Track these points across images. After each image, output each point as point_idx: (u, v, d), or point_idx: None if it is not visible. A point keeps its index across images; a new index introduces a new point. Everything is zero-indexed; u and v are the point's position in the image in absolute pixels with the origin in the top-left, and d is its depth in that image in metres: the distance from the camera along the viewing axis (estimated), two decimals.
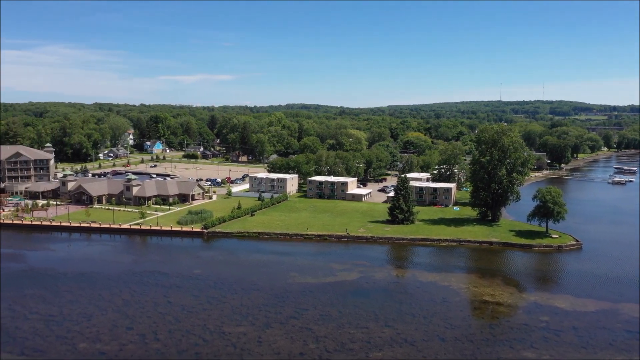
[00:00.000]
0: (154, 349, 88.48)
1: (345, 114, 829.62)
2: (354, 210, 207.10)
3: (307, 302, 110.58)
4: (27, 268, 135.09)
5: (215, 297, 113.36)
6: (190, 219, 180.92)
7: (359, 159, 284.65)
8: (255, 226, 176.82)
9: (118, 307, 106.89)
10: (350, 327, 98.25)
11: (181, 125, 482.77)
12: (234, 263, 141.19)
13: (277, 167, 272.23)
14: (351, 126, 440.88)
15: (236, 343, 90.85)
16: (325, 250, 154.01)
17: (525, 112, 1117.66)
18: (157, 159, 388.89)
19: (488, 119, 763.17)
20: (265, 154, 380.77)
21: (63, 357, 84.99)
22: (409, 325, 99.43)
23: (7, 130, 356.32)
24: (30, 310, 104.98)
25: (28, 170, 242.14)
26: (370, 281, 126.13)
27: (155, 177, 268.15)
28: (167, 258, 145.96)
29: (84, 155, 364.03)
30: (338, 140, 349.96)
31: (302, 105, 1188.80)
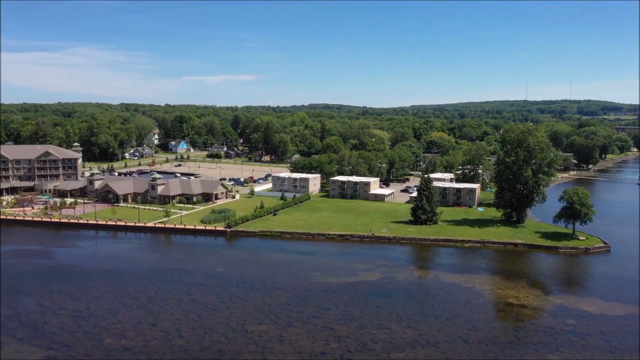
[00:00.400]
0: (177, 345, 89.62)
1: (368, 114, 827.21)
2: (377, 210, 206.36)
3: (329, 302, 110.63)
4: (55, 264, 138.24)
5: (238, 296, 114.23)
6: (213, 218, 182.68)
7: (381, 159, 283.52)
8: (277, 225, 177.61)
9: (143, 304, 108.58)
10: (372, 327, 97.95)
11: (205, 125, 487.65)
12: (256, 262, 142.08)
13: (299, 166, 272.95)
14: (374, 126, 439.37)
15: (258, 341, 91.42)
16: (347, 250, 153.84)
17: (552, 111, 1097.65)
18: (181, 158, 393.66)
19: (513, 119, 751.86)
20: (288, 154, 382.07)
21: (89, 352, 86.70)
22: (431, 327, 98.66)
23: (37, 130, 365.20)
24: (59, 306, 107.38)
25: (57, 169, 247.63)
26: (392, 281, 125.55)
27: (179, 176, 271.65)
28: (190, 256, 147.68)
29: (111, 154, 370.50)
30: (361, 140, 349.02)
31: (325, 105, 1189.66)
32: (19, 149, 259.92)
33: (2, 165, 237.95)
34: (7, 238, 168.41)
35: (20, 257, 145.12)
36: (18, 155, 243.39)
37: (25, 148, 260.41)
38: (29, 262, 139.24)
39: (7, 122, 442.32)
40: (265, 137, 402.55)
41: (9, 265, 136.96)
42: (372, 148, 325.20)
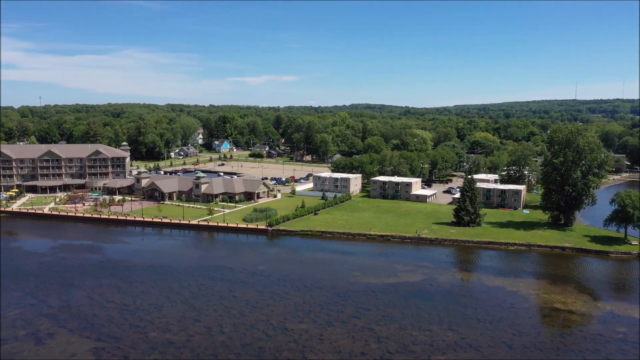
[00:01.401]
0: (219, 341, 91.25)
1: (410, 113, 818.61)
2: (418, 211, 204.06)
3: (369, 302, 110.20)
4: (104, 259, 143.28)
5: (279, 294, 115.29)
6: (255, 217, 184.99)
7: (423, 159, 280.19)
8: (318, 225, 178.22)
9: (186, 299, 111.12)
10: (412, 329, 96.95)
11: (248, 125, 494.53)
12: (297, 261, 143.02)
13: (340, 166, 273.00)
14: (416, 126, 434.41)
15: (298, 340, 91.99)
16: (388, 251, 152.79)
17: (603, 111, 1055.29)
18: (224, 157, 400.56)
19: (562, 119, 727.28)
20: (329, 154, 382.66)
21: (135, 345, 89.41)
22: (474, 330, 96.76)
23: (88, 129, 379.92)
24: (107, 299, 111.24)
25: (106, 168, 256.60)
26: (434, 283, 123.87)
27: (222, 175, 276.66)
28: (232, 254, 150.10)
29: (157, 153, 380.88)
30: (402, 140, 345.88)
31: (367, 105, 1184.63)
32: (72, 148, 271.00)
33: (55, 164, 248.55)
34: (60, 233, 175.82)
35: (71, 251, 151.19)
36: (70, 154, 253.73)
37: (77, 147, 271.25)
38: (80, 257, 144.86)
39: (61, 122, 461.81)
40: (307, 137, 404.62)
41: (61, 259, 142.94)
42: (414, 148, 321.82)
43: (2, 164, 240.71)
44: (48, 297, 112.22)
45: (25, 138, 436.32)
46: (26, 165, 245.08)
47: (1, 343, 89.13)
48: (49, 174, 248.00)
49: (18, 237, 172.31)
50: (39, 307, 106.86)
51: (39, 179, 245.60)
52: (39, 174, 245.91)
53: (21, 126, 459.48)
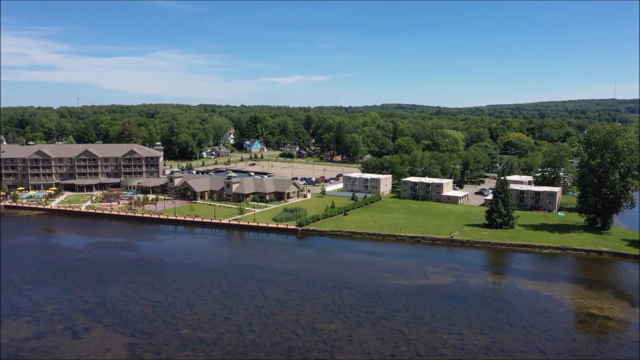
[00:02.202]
0: (249, 340, 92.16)
1: (441, 113, 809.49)
2: (449, 212, 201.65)
3: (398, 304, 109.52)
4: (138, 257, 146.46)
5: (308, 294, 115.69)
6: (285, 217, 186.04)
7: (455, 160, 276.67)
8: (348, 225, 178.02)
9: (217, 298, 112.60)
10: (443, 331, 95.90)
11: (278, 125, 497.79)
12: (326, 261, 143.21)
13: (370, 167, 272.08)
14: (448, 126, 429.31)
15: (327, 340, 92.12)
16: (419, 252, 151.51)
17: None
18: (255, 157, 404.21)
19: (599, 119, 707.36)
20: (359, 154, 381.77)
21: (168, 341, 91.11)
22: (506, 335, 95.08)
23: (123, 129, 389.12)
24: (140, 296, 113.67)
25: (140, 167, 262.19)
26: (465, 286, 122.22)
27: (253, 175, 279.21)
28: (262, 253, 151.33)
29: (189, 153, 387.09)
30: (434, 141, 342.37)
31: (397, 105, 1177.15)
32: (107, 147, 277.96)
33: (92, 163, 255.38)
34: (96, 230, 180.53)
35: (107, 248, 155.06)
36: (106, 154, 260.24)
37: (113, 147, 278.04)
38: (115, 254, 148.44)
39: (97, 123, 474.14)
40: (337, 137, 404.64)
41: (97, 256, 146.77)
42: (445, 149, 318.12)
43: (42, 163, 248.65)
44: (84, 293, 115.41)
45: (64, 138, 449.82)
46: (64, 165, 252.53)
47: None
48: (86, 173, 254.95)
49: (56, 234, 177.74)
50: (76, 302, 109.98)
51: (77, 177, 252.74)
52: (76, 172, 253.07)
53: (60, 126, 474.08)
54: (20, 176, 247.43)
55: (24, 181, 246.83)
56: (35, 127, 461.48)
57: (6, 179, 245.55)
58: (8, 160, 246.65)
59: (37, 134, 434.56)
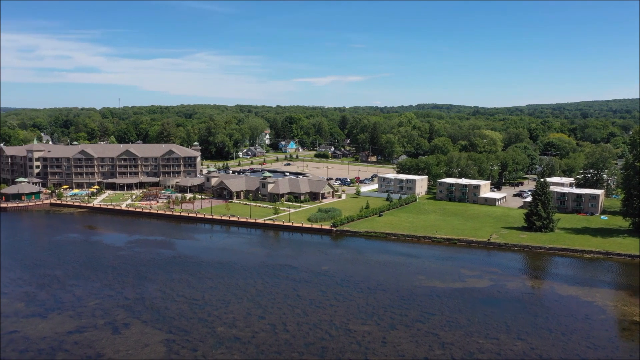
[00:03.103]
0: (283, 339, 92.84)
1: (479, 113, 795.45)
2: (486, 214, 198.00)
3: (433, 307, 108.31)
4: (175, 255, 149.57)
5: (342, 294, 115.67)
6: (320, 217, 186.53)
7: (493, 161, 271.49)
8: (382, 226, 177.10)
9: (252, 296, 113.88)
10: (479, 336, 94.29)
11: (313, 125, 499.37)
12: (360, 262, 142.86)
13: (406, 167, 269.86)
14: (485, 126, 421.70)
15: (361, 341, 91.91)
16: (454, 255, 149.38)
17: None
18: (290, 157, 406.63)
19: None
20: (395, 155, 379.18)
21: (204, 339, 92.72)
22: (544, 341, 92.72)
23: (162, 130, 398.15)
24: (178, 293, 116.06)
25: (178, 167, 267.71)
26: (502, 290, 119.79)
27: (288, 175, 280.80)
28: (297, 253, 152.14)
29: (226, 153, 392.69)
30: (471, 141, 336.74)
31: (434, 105, 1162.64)
32: (147, 147, 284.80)
33: (132, 162, 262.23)
34: (135, 228, 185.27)
35: (146, 246, 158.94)
36: (146, 153, 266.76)
37: (152, 147, 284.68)
38: (154, 251, 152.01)
39: (138, 123, 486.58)
40: (372, 138, 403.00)
41: (136, 253, 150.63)
42: (483, 149, 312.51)
43: (85, 163, 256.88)
44: (124, 289, 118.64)
45: (106, 138, 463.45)
46: (106, 164, 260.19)
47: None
48: (127, 172, 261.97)
49: (98, 231, 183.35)
50: (116, 298, 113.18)
51: (118, 176, 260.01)
52: (117, 172, 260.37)
53: (102, 127, 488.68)
54: (64, 175, 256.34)
55: (68, 180, 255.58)
56: (79, 128, 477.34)
57: (52, 177, 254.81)
58: (53, 159, 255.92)
59: (80, 134, 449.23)
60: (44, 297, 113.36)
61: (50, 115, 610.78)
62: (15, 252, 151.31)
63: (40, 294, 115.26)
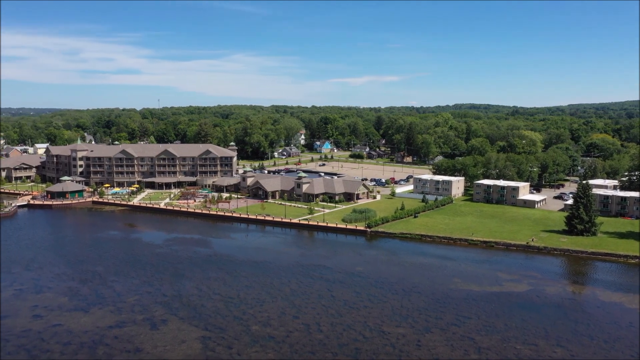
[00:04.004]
0: (317, 339, 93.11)
1: (518, 113, 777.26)
2: (525, 217, 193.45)
3: (469, 310, 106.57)
4: (211, 253, 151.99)
5: (376, 296, 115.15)
6: (354, 217, 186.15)
7: (532, 162, 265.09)
8: (417, 228, 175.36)
9: (286, 296, 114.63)
10: (516, 341, 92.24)
11: (349, 126, 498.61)
12: (395, 263, 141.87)
13: (442, 168, 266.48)
14: (525, 127, 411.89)
15: (395, 344, 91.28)
16: (492, 258, 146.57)
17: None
18: (325, 158, 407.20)
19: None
20: (431, 155, 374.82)
21: (239, 336, 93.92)
22: (585, 348, 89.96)
23: (199, 130, 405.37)
24: (214, 291, 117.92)
25: (215, 166, 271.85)
26: (541, 295, 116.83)
27: (323, 175, 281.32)
28: (331, 253, 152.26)
29: (262, 153, 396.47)
30: (509, 142, 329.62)
31: (471, 105, 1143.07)
32: (185, 147, 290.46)
33: (171, 162, 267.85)
34: (173, 227, 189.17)
35: (183, 244, 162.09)
36: (184, 153, 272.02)
37: (190, 147, 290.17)
38: (190, 250, 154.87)
39: (176, 123, 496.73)
40: (408, 138, 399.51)
41: (174, 251, 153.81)
42: (522, 150, 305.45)
43: (126, 162, 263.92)
44: (162, 286, 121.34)
45: (146, 138, 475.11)
46: (146, 163, 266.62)
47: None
48: (165, 172, 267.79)
49: (137, 229, 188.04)
50: (155, 294, 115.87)
51: (157, 176, 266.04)
52: (156, 171, 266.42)
53: (142, 127, 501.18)
54: (106, 174, 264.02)
55: (109, 178, 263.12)
56: (120, 128, 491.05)
57: (94, 176, 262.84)
58: (96, 159, 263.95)
59: (121, 134, 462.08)
60: (86, 292, 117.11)
61: (93, 115, 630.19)
62: (60, 248, 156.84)
63: (82, 289, 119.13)
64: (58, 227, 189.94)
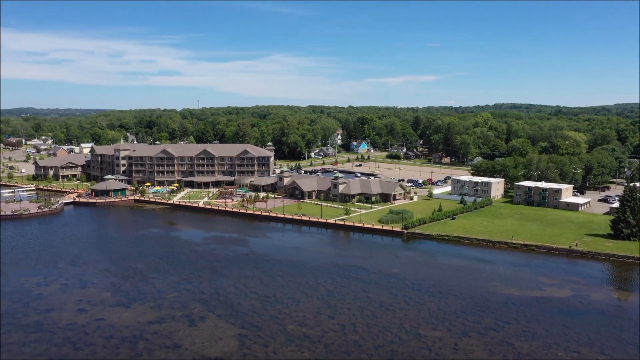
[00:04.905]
0: (352, 340, 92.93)
1: (561, 113, 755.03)
2: (568, 220, 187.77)
3: (509, 315, 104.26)
4: (248, 252, 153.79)
5: (413, 298, 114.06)
6: (391, 218, 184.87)
7: (576, 163, 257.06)
8: (455, 230, 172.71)
9: (322, 296, 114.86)
10: (557, 348, 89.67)
11: (386, 126, 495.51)
12: (432, 265, 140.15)
13: (481, 170, 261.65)
14: (568, 127, 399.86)
15: (431, 347, 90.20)
16: (532, 262, 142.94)
17: None
18: (362, 158, 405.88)
19: None
20: (469, 156, 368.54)
21: (274, 335, 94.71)
22: (632, 357, 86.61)
23: (237, 130, 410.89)
24: (250, 290, 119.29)
25: (252, 166, 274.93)
26: (584, 301, 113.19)
27: (359, 176, 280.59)
28: (367, 254, 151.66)
29: (298, 153, 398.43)
30: (552, 143, 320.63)
31: (512, 104, 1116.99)
32: (223, 147, 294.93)
33: (209, 162, 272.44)
34: (211, 225, 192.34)
35: (221, 243, 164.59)
36: (222, 153, 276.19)
37: (228, 147, 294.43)
38: (228, 248, 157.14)
39: (215, 123, 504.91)
40: (446, 139, 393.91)
41: (212, 249, 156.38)
42: (565, 152, 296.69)
43: (166, 162, 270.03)
44: (200, 284, 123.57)
45: (185, 138, 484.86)
46: (185, 163, 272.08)
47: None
48: (204, 171, 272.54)
49: (177, 227, 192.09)
50: (193, 292, 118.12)
51: (196, 175, 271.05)
52: (195, 170, 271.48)
53: (182, 127, 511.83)
54: (147, 173, 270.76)
55: (150, 177, 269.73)
56: (161, 128, 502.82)
57: (136, 175, 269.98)
58: (138, 158, 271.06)
59: (162, 134, 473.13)
60: (128, 288, 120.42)
61: (135, 116, 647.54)
62: (103, 245, 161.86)
63: (124, 285, 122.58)
64: (102, 224, 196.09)
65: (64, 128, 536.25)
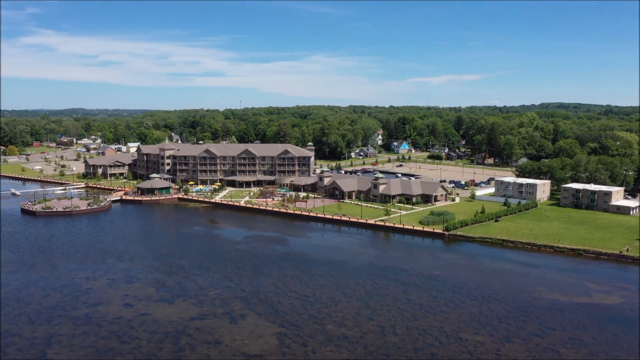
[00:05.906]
0: (391, 342, 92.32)
1: (612, 113, 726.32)
2: (618, 224, 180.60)
3: (554, 321, 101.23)
4: (288, 251, 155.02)
5: (454, 301, 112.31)
6: (431, 220, 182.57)
7: (627, 165, 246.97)
8: (499, 232, 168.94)
9: (361, 297, 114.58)
10: (605, 357, 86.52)
11: (427, 126, 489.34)
12: (474, 268, 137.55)
13: (526, 171, 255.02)
14: (619, 127, 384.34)
15: (473, 351, 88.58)
16: (579, 267, 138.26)
17: None
18: (402, 158, 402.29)
19: None
20: (514, 157, 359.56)
21: (313, 335, 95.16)
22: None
23: (278, 130, 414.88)
24: (290, 289, 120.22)
25: (293, 166, 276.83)
26: (635, 309, 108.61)
27: (400, 176, 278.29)
28: (407, 256, 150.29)
29: (339, 153, 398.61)
30: (601, 144, 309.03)
31: (559, 104, 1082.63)
32: (264, 147, 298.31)
33: (251, 161, 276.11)
34: (252, 224, 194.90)
35: (261, 241, 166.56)
36: (263, 153, 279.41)
37: (269, 147, 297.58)
38: (269, 247, 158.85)
39: (256, 124, 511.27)
40: (490, 139, 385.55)
41: (253, 247, 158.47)
42: (615, 153, 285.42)
43: (209, 161, 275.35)
44: (241, 282, 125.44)
45: (228, 138, 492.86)
46: (227, 162, 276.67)
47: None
48: (245, 171, 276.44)
49: (219, 225, 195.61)
50: (234, 289, 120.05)
51: (237, 174, 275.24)
52: (237, 170, 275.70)
53: (224, 127, 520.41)
54: (191, 172, 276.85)
55: (194, 176, 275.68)
56: (204, 128, 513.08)
57: (180, 174, 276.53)
58: (182, 157, 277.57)
59: (205, 134, 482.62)
60: (172, 284, 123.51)
61: (179, 116, 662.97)
62: (148, 242, 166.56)
63: (168, 281, 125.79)
64: (147, 222, 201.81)
65: (112, 128, 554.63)
